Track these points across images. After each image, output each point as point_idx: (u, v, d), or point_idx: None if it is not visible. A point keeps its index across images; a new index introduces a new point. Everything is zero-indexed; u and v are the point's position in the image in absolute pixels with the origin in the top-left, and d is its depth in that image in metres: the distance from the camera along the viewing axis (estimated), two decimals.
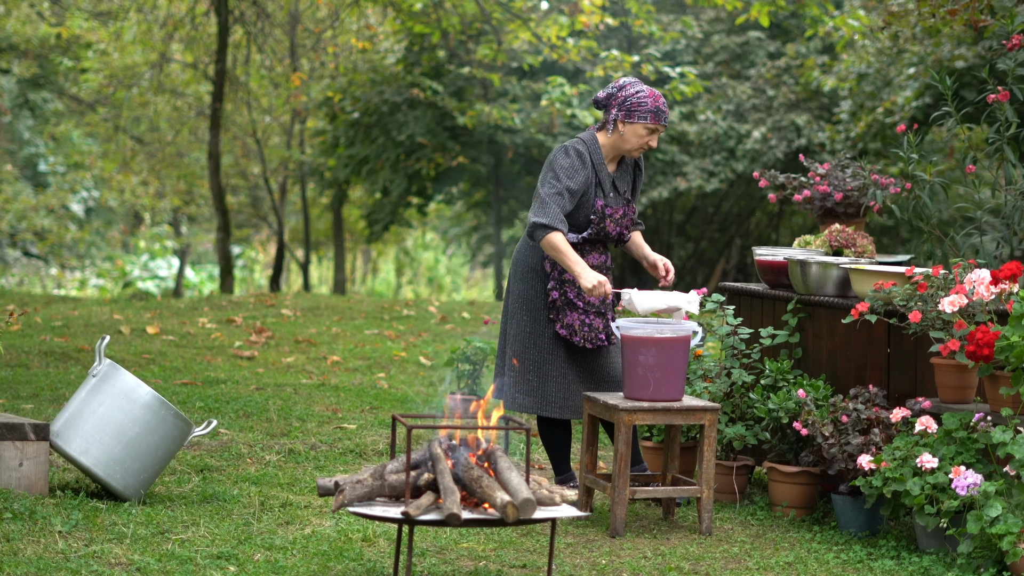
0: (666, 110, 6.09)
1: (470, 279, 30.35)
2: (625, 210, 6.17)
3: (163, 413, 5.90)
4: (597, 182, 6.10)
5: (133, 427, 5.86)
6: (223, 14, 16.00)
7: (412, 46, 17.79)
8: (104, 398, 5.90)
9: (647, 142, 6.09)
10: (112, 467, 5.84)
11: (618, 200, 6.18)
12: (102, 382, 5.94)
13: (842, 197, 6.88)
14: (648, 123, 6.05)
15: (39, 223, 23.55)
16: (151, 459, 5.91)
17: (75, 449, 5.84)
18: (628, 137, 6.08)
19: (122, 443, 5.85)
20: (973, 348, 5.47)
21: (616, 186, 6.17)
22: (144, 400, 5.89)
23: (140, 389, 5.90)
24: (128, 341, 10.53)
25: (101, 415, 5.87)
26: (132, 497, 5.89)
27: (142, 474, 5.89)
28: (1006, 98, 6.74)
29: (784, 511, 6.21)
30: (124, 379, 5.92)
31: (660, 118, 6.07)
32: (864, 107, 16.23)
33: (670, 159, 18.02)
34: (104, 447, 5.84)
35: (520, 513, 4.62)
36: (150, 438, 5.88)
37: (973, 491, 5.29)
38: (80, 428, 5.87)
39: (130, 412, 5.87)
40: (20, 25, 19.01)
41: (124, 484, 5.86)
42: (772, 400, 6.28)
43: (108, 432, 5.85)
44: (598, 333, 6.13)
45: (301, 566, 5.11)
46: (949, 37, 14.26)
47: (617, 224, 6.15)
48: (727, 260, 20.51)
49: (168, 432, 5.92)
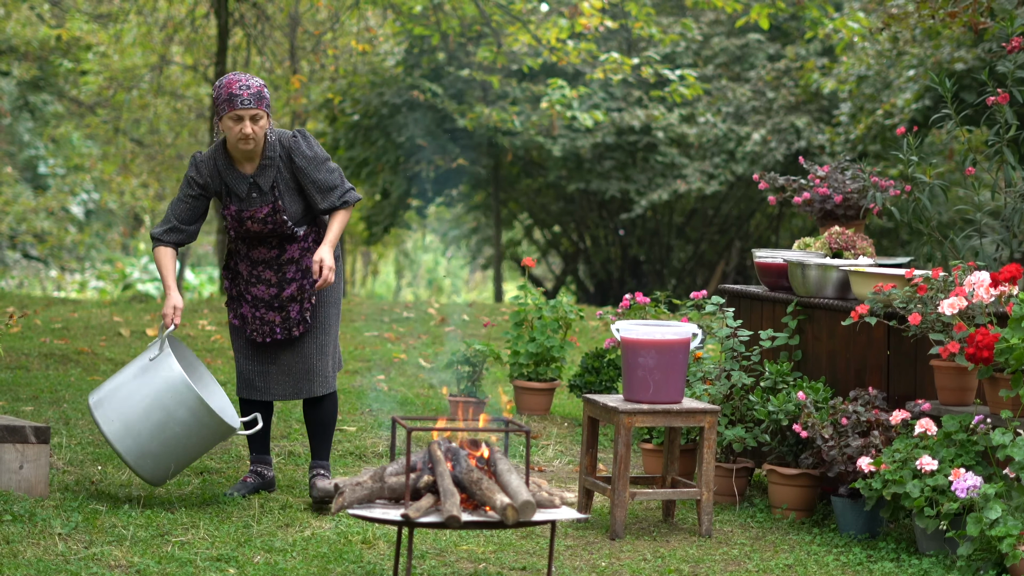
0: (241, 92, 5.80)
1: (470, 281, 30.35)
2: (274, 207, 5.91)
3: (206, 420, 5.80)
4: (227, 188, 5.95)
5: (174, 427, 5.77)
6: (223, 16, 16.00)
7: (412, 48, 17.79)
8: (151, 390, 5.78)
9: (240, 130, 5.80)
10: (143, 459, 5.77)
11: (263, 199, 5.92)
12: (155, 371, 5.81)
13: (842, 199, 6.88)
14: (227, 112, 5.81)
15: (39, 225, 23.55)
16: (185, 457, 5.86)
17: (112, 432, 5.76)
18: (227, 134, 5.88)
19: (159, 440, 5.77)
20: (973, 350, 5.47)
21: (259, 185, 5.92)
22: (190, 404, 5.77)
23: (188, 393, 5.76)
24: (128, 343, 10.53)
25: (146, 407, 5.77)
26: (157, 483, 5.89)
27: (173, 468, 5.86)
28: (1006, 100, 6.74)
29: (784, 513, 6.21)
30: (175, 377, 5.78)
31: (234, 103, 5.79)
32: (864, 109, 16.23)
33: (670, 161, 18.03)
34: (140, 439, 5.76)
35: (520, 515, 4.62)
36: (188, 440, 5.81)
37: (973, 493, 5.29)
38: (121, 411, 5.78)
39: (174, 412, 5.77)
40: (20, 27, 19.02)
41: (152, 475, 5.83)
42: (772, 402, 6.28)
43: (147, 425, 5.75)
44: (273, 327, 6.01)
45: (301, 568, 5.11)
46: (949, 39, 14.26)
47: (264, 223, 5.93)
48: (727, 262, 20.51)
49: (208, 436, 5.86)
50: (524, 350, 8.03)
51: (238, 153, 5.91)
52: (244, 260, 6.07)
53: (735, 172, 17.80)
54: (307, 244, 6.04)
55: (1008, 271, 5.60)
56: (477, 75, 17.19)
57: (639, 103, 18.19)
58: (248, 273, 6.04)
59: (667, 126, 17.90)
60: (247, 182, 5.92)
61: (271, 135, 5.92)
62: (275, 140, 5.93)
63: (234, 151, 5.92)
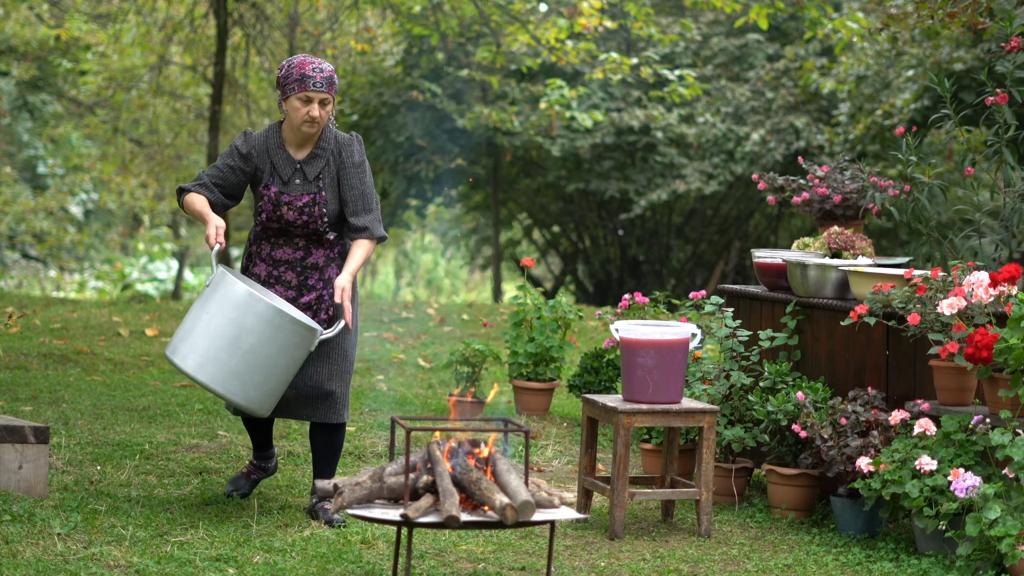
0: (315, 74, 5.71)
1: (469, 281, 30.35)
2: (315, 198, 5.78)
3: (279, 322, 5.50)
4: (272, 168, 5.81)
5: (248, 338, 5.49)
6: (222, 16, 16.00)
7: (411, 48, 17.79)
8: (216, 310, 5.53)
9: (307, 113, 5.72)
10: (230, 381, 5.50)
11: (305, 188, 5.80)
12: (212, 293, 5.56)
13: (841, 199, 6.88)
14: (297, 93, 5.71)
15: (38, 225, 23.54)
16: (272, 370, 5.54)
17: (191, 366, 5.52)
18: (290, 114, 5.76)
19: (237, 356, 5.49)
20: (972, 350, 5.47)
21: (305, 172, 5.81)
22: (257, 310, 5.49)
23: (251, 300, 5.50)
24: (127, 343, 10.53)
25: (214, 328, 5.51)
26: (259, 409, 5.61)
27: (264, 386, 5.55)
28: (1005, 100, 6.74)
29: (783, 513, 6.21)
30: (235, 289, 5.52)
31: (307, 84, 5.70)
32: (863, 109, 16.23)
33: (669, 161, 18.03)
34: (219, 362, 5.50)
35: (519, 515, 4.62)
36: (267, 348, 5.51)
37: (972, 493, 5.29)
38: (195, 343, 5.53)
39: (243, 323, 5.48)
40: (19, 27, 19.01)
41: (245, 397, 5.54)
42: (771, 402, 6.28)
43: (222, 346, 5.50)
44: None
45: (300, 568, 5.11)
46: (948, 39, 14.27)
47: (300, 212, 5.79)
48: (726, 262, 20.51)
49: (287, 340, 5.52)
50: (523, 350, 8.03)
51: (295, 136, 5.80)
52: (265, 261, 5.89)
53: (734, 172, 17.80)
54: (333, 254, 5.89)
55: (1007, 271, 5.60)
56: (476, 75, 17.19)
57: (638, 103, 18.19)
58: (267, 274, 5.87)
59: (666, 126, 17.90)
60: (293, 166, 5.81)
61: (330, 126, 5.85)
62: (331, 134, 5.85)
63: (292, 133, 5.81)
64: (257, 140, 5.83)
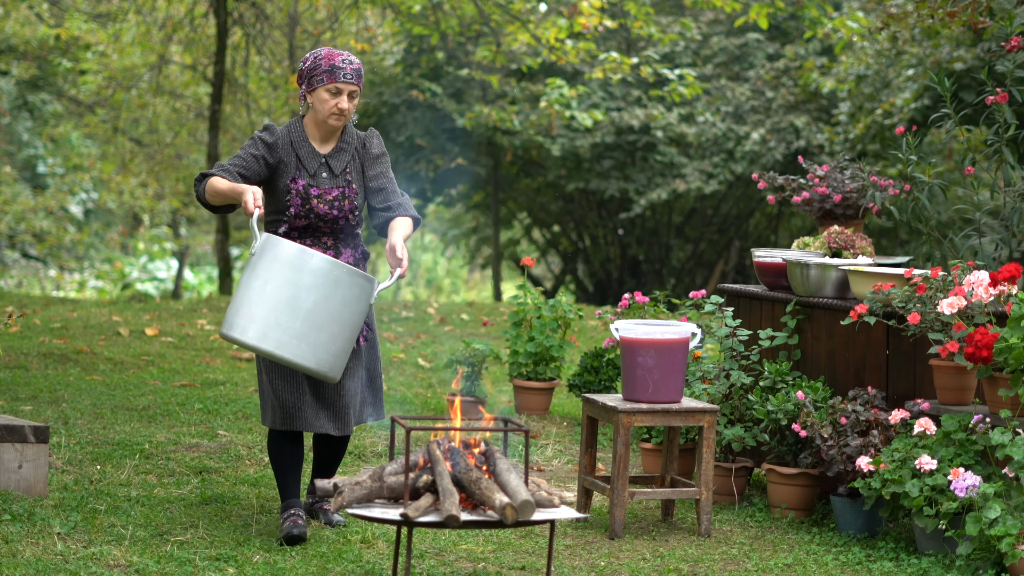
0: (345, 65, 5.59)
1: (469, 281, 30.35)
2: (344, 191, 5.64)
3: (337, 274, 5.28)
4: (298, 160, 5.64)
5: (308, 297, 5.24)
6: (222, 16, 16.00)
7: (411, 48, 17.79)
8: (268, 274, 5.27)
9: (336, 105, 5.58)
10: (298, 346, 5.24)
11: (333, 181, 5.66)
12: (261, 258, 5.31)
13: (841, 199, 6.88)
14: (326, 84, 5.57)
15: (38, 225, 23.54)
16: (337, 327, 5.29)
17: (253, 336, 5.24)
18: (316, 106, 5.62)
19: (300, 317, 5.23)
20: (972, 350, 5.47)
21: (331, 166, 5.67)
22: (312, 266, 5.26)
23: (304, 255, 5.28)
24: (127, 343, 10.53)
25: (270, 293, 5.24)
26: (330, 372, 5.34)
27: (332, 345, 5.30)
28: (1005, 100, 6.74)
29: (783, 513, 6.21)
30: (284, 249, 5.29)
31: (336, 75, 5.57)
32: (863, 109, 16.23)
33: (669, 161, 18.03)
34: (282, 327, 5.23)
35: (519, 515, 4.62)
36: (329, 304, 5.26)
37: (972, 493, 5.29)
38: (252, 312, 5.25)
39: (300, 282, 5.24)
40: (19, 27, 19.01)
41: (316, 360, 5.28)
42: (771, 402, 6.28)
43: (282, 309, 5.23)
44: None
45: (300, 568, 5.11)
46: (948, 39, 14.26)
47: (331, 206, 5.62)
48: (726, 262, 20.51)
49: (347, 293, 5.29)
50: (523, 349, 8.03)
51: (320, 130, 5.67)
52: None
53: (734, 171, 17.80)
54: (359, 255, 5.75)
55: (1007, 270, 5.60)
56: (476, 74, 17.18)
57: (638, 103, 18.19)
58: None
59: (666, 125, 17.90)
60: (319, 160, 5.66)
61: (353, 121, 5.77)
62: (352, 129, 5.75)
63: (316, 127, 5.67)
64: (280, 133, 5.67)
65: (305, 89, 5.64)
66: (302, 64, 5.66)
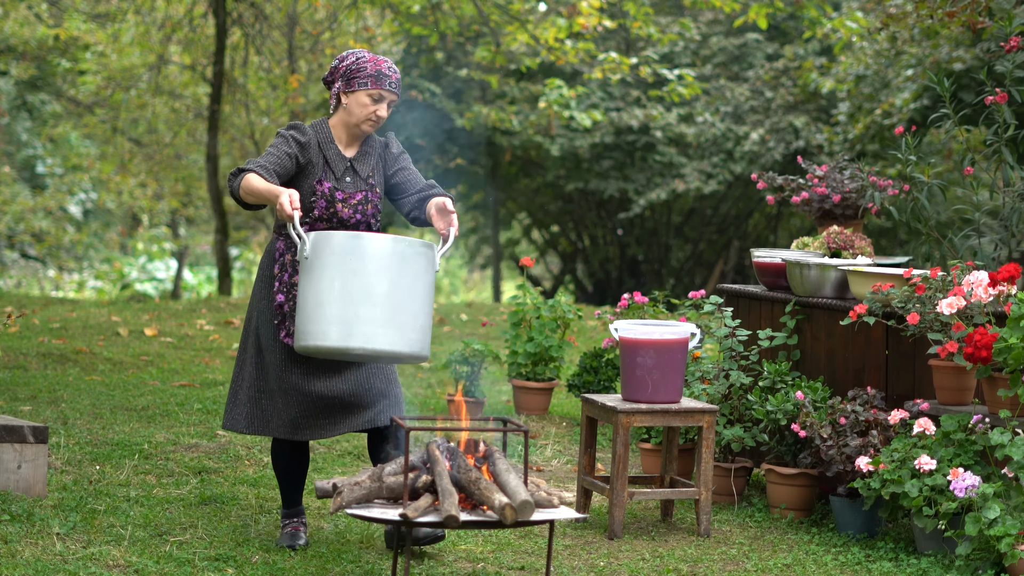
0: (391, 74, 5.43)
1: (468, 281, 30.36)
2: (367, 195, 5.48)
3: (399, 249, 5.03)
4: (325, 162, 5.46)
5: (379, 281, 4.99)
6: (221, 16, 16.00)
7: (410, 48, 17.80)
8: (331, 271, 5.00)
9: (374, 112, 5.42)
10: (386, 334, 4.98)
11: (357, 185, 5.49)
12: (316, 259, 5.04)
13: (840, 199, 6.88)
14: (369, 89, 5.39)
15: (37, 225, 23.54)
16: (415, 303, 5.04)
17: (335, 338, 4.98)
18: (352, 108, 5.43)
19: (378, 304, 4.97)
20: (971, 350, 5.47)
21: (356, 169, 5.50)
22: (373, 249, 5.01)
23: (361, 240, 5.03)
24: (126, 343, 10.52)
25: (339, 290, 4.98)
26: (423, 351, 5.09)
27: (416, 322, 5.04)
28: (1004, 100, 6.74)
29: (782, 513, 6.21)
30: (338, 241, 5.04)
31: (382, 82, 5.40)
32: (862, 109, 16.23)
33: (668, 161, 18.03)
34: (363, 319, 4.97)
35: (518, 515, 4.62)
36: (403, 282, 5.02)
37: (971, 493, 5.28)
38: (326, 315, 4.98)
39: (366, 269, 4.99)
40: (18, 27, 19.01)
41: (408, 344, 5.02)
42: (770, 402, 6.28)
43: (358, 302, 4.97)
44: None
45: (299, 568, 5.10)
46: (947, 39, 14.26)
47: (355, 210, 5.45)
48: (725, 262, 20.52)
49: (415, 265, 5.05)
50: (522, 350, 8.03)
51: (347, 132, 5.50)
52: None
53: (733, 171, 17.81)
54: None
55: (1006, 271, 5.60)
56: (475, 75, 17.18)
57: (637, 103, 18.19)
58: None
59: (665, 126, 17.91)
60: (345, 163, 5.49)
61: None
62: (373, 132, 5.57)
63: (344, 130, 5.50)
64: (309, 132, 5.50)
65: (342, 88, 5.46)
66: (339, 61, 5.49)
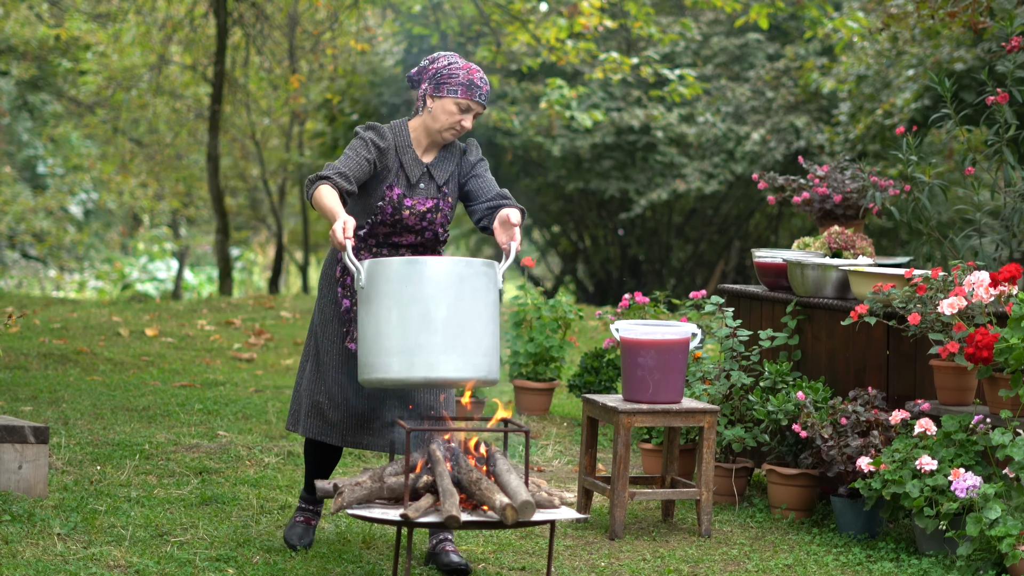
0: (482, 85, 5.23)
1: None
2: (439, 204, 5.29)
3: (458, 271, 4.84)
4: (400, 167, 5.28)
5: (439, 307, 4.79)
6: (222, 16, 16.00)
7: (411, 48, 17.79)
8: (390, 301, 4.81)
9: (459, 122, 5.23)
10: (449, 360, 4.79)
11: (430, 191, 5.30)
12: (372, 288, 4.85)
13: (841, 199, 6.88)
14: (458, 98, 5.20)
15: (38, 225, 23.55)
16: (478, 324, 4.84)
17: (398, 371, 4.80)
18: (437, 114, 5.24)
19: (439, 331, 4.78)
20: (972, 350, 5.47)
21: (433, 176, 5.31)
22: (430, 273, 4.81)
23: (416, 265, 4.82)
24: (127, 343, 10.52)
25: (398, 319, 4.79)
26: (490, 375, 4.89)
27: (480, 346, 4.85)
28: (1005, 100, 6.74)
29: (783, 513, 6.20)
30: (393, 268, 4.84)
31: (472, 93, 5.20)
32: (863, 109, 16.23)
33: (669, 161, 18.03)
34: (425, 348, 4.77)
35: (519, 515, 4.61)
36: (463, 305, 4.82)
37: (972, 493, 5.28)
38: (386, 347, 4.80)
39: (425, 294, 4.79)
40: (19, 27, 19.02)
41: (474, 368, 4.84)
42: (771, 402, 6.28)
43: (418, 331, 4.78)
44: None
45: (300, 568, 5.10)
46: (948, 39, 14.26)
47: (421, 218, 5.27)
48: (726, 262, 20.51)
49: (474, 287, 4.86)
50: (523, 350, 8.02)
51: (427, 138, 5.32)
52: None
53: (734, 172, 17.80)
54: None
55: (1007, 271, 5.60)
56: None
57: (638, 103, 18.19)
58: None
59: (666, 126, 17.90)
60: (421, 169, 5.29)
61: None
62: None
63: (424, 134, 5.32)
64: (387, 136, 5.30)
65: (430, 91, 5.28)
66: (429, 62, 5.34)
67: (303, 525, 5.46)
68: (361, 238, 5.30)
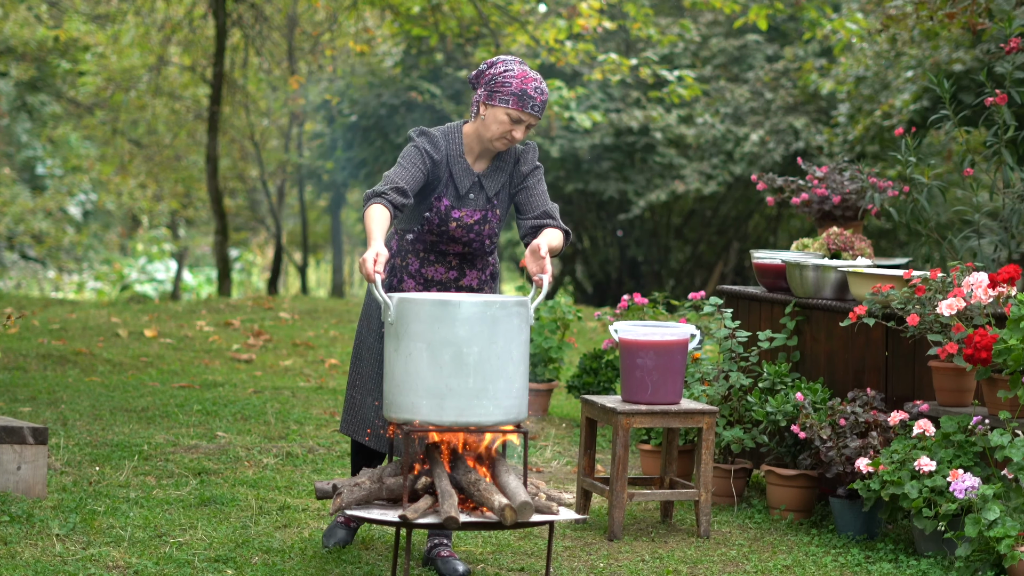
0: (536, 95, 5.04)
1: None
2: (487, 215, 5.18)
3: (491, 313, 4.65)
4: (450, 178, 5.16)
5: (470, 349, 4.63)
6: (221, 17, 16.00)
7: (410, 49, 17.80)
8: (421, 344, 4.65)
9: (510, 132, 5.07)
10: (479, 404, 4.67)
11: (479, 203, 5.18)
12: (401, 326, 4.68)
13: (840, 200, 6.88)
14: (510, 108, 5.03)
15: (37, 226, 23.55)
16: (510, 367, 4.70)
17: (426, 413, 4.66)
18: (489, 123, 5.08)
19: (470, 375, 4.65)
20: (971, 351, 5.47)
21: (483, 186, 5.18)
22: (463, 315, 4.64)
23: (449, 307, 4.64)
24: (126, 344, 10.52)
25: (427, 361, 4.65)
26: (519, 416, 4.78)
27: (511, 388, 4.72)
28: (1004, 101, 6.74)
29: (782, 514, 6.21)
30: (425, 308, 4.66)
31: (525, 104, 5.02)
32: (862, 110, 16.24)
33: (668, 162, 18.03)
34: (455, 392, 4.64)
35: (518, 516, 4.61)
36: (494, 348, 4.67)
37: (971, 494, 5.28)
38: (415, 387, 4.67)
39: (456, 336, 4.63)
40: (18, 28, 19.02)
41: (504, 412, 4.72)
42: (770, 403, 6.28)
43: (448, 374, 4.64)
44: None
45: (299, 569, 5.10)
46: (947, 40, 14.27)
47: (468, 230, 5.16)
48: (725, 263, 20.51)
49: (508, 327, 4.69)
50: None
51: (480, 145, 5.17)
52: (414, 278, 5.27)
53: (733, 173, 17.81)
54: (485, 276, 5.31)
55: (1006, 272, 5.60)
56: None
57: (637, 104, 18.19)
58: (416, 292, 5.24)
59: (665, 127, 17.91)
60: (472, 179, 5.16)
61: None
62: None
63: (477, 142, 5.17)
64: (440, 145, 5.16)
65: (484, 98, 5.11)
66: (487, 66, 5.15)
67: (341, 526, 5.47)
68: (409, 242, 5.23)
